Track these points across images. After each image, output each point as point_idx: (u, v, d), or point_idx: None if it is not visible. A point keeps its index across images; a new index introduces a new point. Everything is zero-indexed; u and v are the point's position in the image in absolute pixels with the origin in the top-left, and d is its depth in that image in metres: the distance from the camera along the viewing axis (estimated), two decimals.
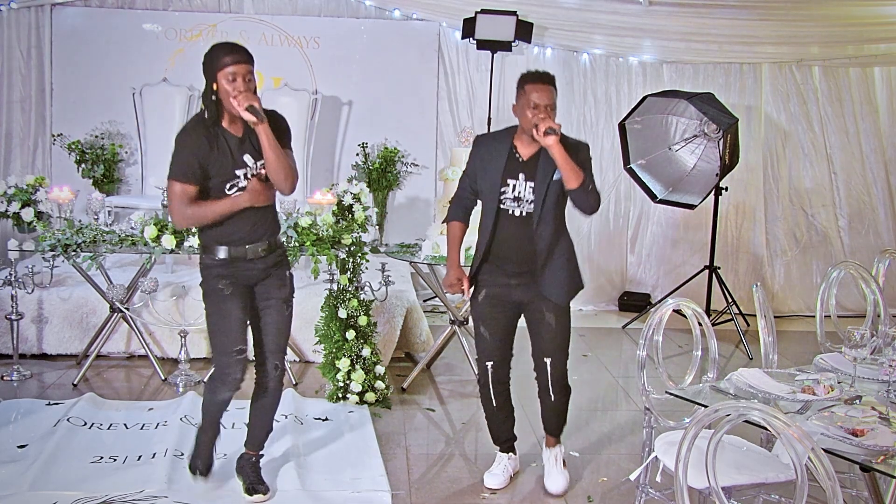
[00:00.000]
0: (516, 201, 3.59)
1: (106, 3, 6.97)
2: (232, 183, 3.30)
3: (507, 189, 3.58)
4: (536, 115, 3.43)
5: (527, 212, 3.59)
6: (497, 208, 3.60)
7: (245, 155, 3.31)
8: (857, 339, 2.95)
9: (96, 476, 3.70)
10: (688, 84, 7.10)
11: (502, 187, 3.58)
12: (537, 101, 3.43)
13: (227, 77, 3.18)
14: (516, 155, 3.60)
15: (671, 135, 6.63)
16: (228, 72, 3.18)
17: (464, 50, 7.22)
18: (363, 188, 5.36)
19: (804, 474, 2.12)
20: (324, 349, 4.84)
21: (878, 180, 7.39)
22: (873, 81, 7.32)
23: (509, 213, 3.60)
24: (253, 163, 3.32)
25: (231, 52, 3.22)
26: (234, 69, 3.18)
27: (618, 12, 6.92)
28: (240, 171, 3.30)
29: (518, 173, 3.58)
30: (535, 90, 3.46)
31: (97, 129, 6.88)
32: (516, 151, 3.60)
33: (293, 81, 6.94)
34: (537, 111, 3.43)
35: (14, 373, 5.02)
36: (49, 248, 4.77)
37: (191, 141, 3.27)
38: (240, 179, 3.30)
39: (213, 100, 3.24)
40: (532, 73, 3.53)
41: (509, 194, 3.59)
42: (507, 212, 3.60)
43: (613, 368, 5.64)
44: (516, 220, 3.60)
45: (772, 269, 7.36)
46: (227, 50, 3.23)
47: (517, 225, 3.59)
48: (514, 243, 3.61)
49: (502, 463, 3.90)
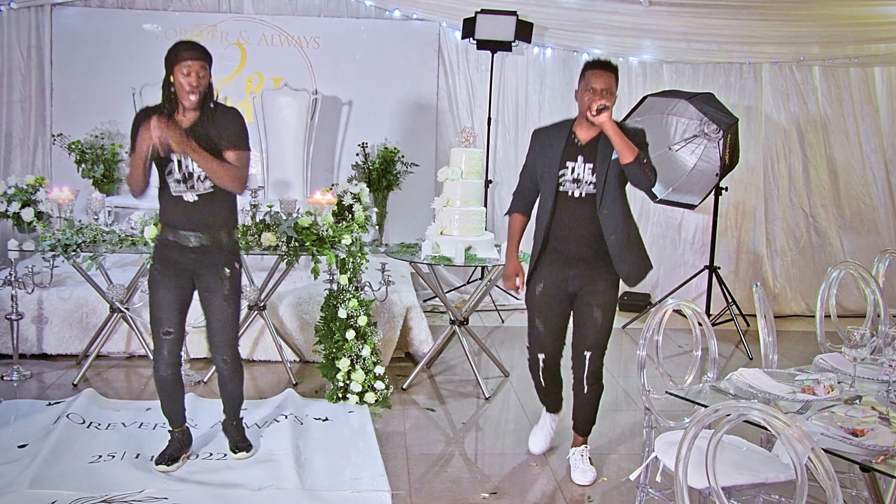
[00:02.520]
0: (575, 183, 3.72)
1: (106, 3, 6.97)
2: (168, 168, 3.59)
3: (567, 171, 3.73)
4: (592, 97, 3.62)
5: (587, 193, 3.72)
6: (556, 191, 3.74)
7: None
8: (857, 339, 2.95)
9: (96, 475, 3.70)
10: (688, 84, 7.11)
11: (561, 170, 3.73)
12: (594, 84, 3.63)
13: (182, 71, 3.50)
14: (575, 140, 3.76)
15: (671, 135, 6.63)
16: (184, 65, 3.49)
17: (464, 50, 7.22)
18: (363, 188, 5.36)
19: (804, 474, 2.11)
20: (324, 349, 4.84)
21: (878, 180, 7.40)
22: (873, 81, 7.32)
23: (569, 195, 3.73)
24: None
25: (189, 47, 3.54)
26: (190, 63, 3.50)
27: (618, 12, 6.92)
28: (174, 155, 3.56)
29: (577, 156, 3.73)
30: (593, 75, 3.66)
31: (97, 129, 6.88)
32: (575, 137, 3.76)
33: (293, 81, 6.94)
34: (594, 94, 3.62)
35: (14, 373, 5.02)
36: (49, 248, 4.77)
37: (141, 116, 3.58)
38: (173, 166, 3.59)
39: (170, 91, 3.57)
40: (593, 61, 3.75)
41: (568, 176, 3.72)
42: (567, 193, 3.73)
43: (613, 368, 5.64)
44: (576, 202, 3.72)
45: (772, 269, 7.36)
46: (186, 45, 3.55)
47: (578, 206, 3.72)
48: (574, 225, 3.73)
49: (546, 425, 4.17)
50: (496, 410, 4.84)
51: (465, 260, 4.92)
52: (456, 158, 5.15)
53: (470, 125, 7.09)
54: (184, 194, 3.61)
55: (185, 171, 3.59)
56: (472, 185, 5.12)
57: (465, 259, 4.91)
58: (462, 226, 5.03)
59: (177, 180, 3.60)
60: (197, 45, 3.56)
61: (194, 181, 3.60)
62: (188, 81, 3.49)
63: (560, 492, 3.82)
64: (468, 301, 5.59)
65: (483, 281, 5.86)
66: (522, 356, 4.00)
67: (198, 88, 3.51)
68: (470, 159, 5.12)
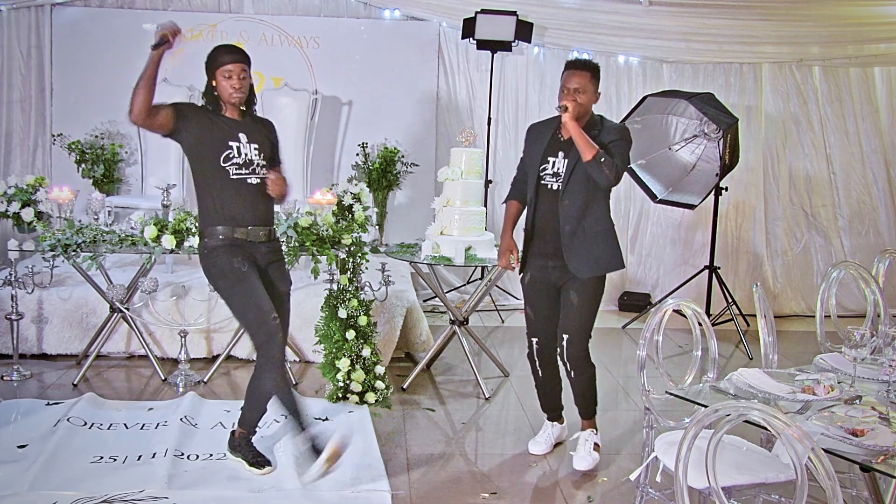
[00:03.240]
0: (554, 177, 3.91)
1: (106, 3, 6.97)
2: (226, 154, 3.63)
3: (548, 165, 3.92)
4: (564, 97, 3.82)
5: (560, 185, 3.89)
6: (538, 184, 3.95)
7: (239, 133, 3.68)
8: (857, 339, 2.95)
9: (96, 476, 3.70)
10: (688, 84, 7.10)
11: (542, 164, 3.93)
12: (567, 84, 3.83)
13: (223, 74, 3.63)
14: (558, 135, 3.95)
15: (671, 135, 6.63)
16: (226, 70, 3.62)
17: (464, 50, 7.22)
18: (363, 188, 5.36)
19: (804, 474, 2.11)
20: (324, 349, 4.83)
21: (879, 180, 7.40)
22: (873, 81, 7.32)
23: (548, 188, 3.93)
24: (245, 141, 3.67)
25: (229, 51, 3.68)
26: (231, 67, 3.62)
27: (618, 12, 6.92)
28: (233, 143, 3.65)
29: (558, 151, 3.92)
30: (567, 75, 3.85)
31: (97, 129, 6.88)
32: (559, 132, 3.95)
33: (293, 81, 6.94)
34: (567, 94, 3.82)
35: (14, 373, 5.02)
36: (49, 248, 4.77)
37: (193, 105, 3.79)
38: (232, 152, 3.63)
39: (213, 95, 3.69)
40: (569, 61, 3.93)
41: (549, 170, 3.92)
42: (547, 186, 3.93)
43: (613, 368, 5.64)
44: (553, 195, 3.91)
45: (772, 269, 7.36)
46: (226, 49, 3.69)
47: (554, 199, 3.90)
48: (550, 217, 3.91)
49: (547, 430, 4.25)
50: (496, 410, 4.84)
51: (465, 260, 4.92)
52: (456, 158, 5.15)
53: (470, 125, 7.09)
54: (248, 178, 3.67)
55: (245, 157, 3.66)
56: (472, 185, 5.12)
57: (465, 259, 4.91)
58: (462, 226, 5.03)
59: (237, 164, 3.64)
60: (236, 48, 3.71)
61: (255, 167, 3.69)
62: (230, 84, 3.61)
63: (560, 491, 3.82)
64: (468, 301, 5.58)
65: (483, 281, 5.86)
66: (522, 356, 4.00)
67: (241, 90, 3.64)
68: (470, 159, 5.12)
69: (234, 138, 3.64)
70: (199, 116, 3.66)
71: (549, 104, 7.26)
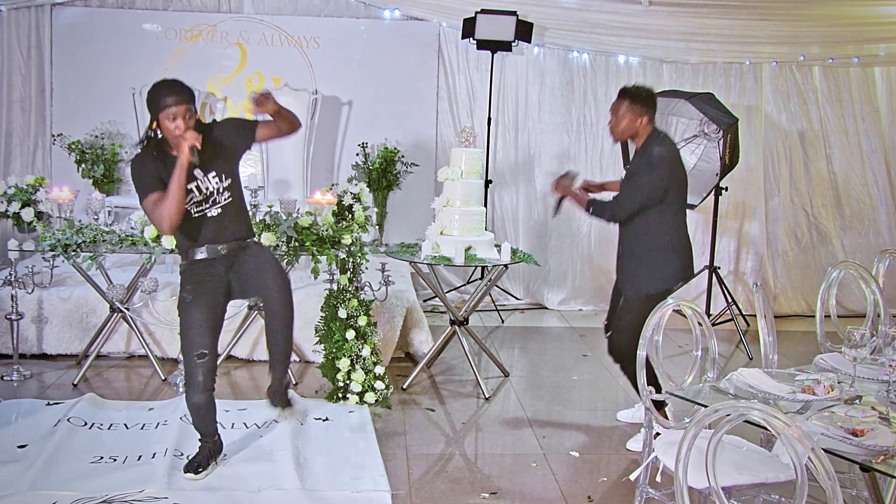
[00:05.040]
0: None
1: (106, 3, 6.97)
2: (188, 199, 3.54)
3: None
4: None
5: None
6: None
7: (194, 170, 3.56)
8: (857, 339, 2.95)
9: (96, 476, 3.70)
10: (688, 84, 7.10)
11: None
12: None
13: (168, 117, 3.46)
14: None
15: (671, 135, 6.61)
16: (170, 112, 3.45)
17: (464, 50, 7.21)
18: (363, 188, 5.35)
19: (804, 474, 2.11)
20: (324, 349, 4.83)
21: (879, 180, 7.40)
22: (873, 81, 7.32)
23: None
24: (202, 175, 3.59)
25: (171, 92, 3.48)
26: (174, 110, 3.45)
27: (618, 12, 6.92)
28: (190, 184, 3.54)
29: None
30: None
31: (97, 129, 6.88)
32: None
33: (293, 81, 6.94)
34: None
35: (14, 373, 5.02)
36: (49, 248, 4.77)
37: (147, 161, 3.55)
38: (193, 193, 3.56)
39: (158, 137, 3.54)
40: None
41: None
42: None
43: (613, 368, 5.63)
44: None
45: (772, 269, 7.36)
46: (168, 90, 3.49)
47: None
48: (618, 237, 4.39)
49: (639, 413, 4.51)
50: (496, 410, 4.84)
51: (465, 260, 4.92)
52: (456, 158, 5.15)
53: (470, 125, 7.08)
54: (207, 211, 3.63)
55: (206, 191, 3.61)
56: (472, 185, 5.12)
57: (465, 259, 4.91)
58: (462, 226, 5.03)
59: (197, 202, 3.60)
60: (178, 85, 3.51)
61: (215, 196, 3.64)
62: (176, 126, 3.46)
63: (560, 492, 3.82)
64: (468, 301, 5.58)
65: (483, 281, 5.86)
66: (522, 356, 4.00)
67: (187, 132, 3.48)
68: (470, 159, 5.12)
69: (190, 179, 3.54)
70: (158, 171, 3.52)
71: (549, 104, 7.26)
